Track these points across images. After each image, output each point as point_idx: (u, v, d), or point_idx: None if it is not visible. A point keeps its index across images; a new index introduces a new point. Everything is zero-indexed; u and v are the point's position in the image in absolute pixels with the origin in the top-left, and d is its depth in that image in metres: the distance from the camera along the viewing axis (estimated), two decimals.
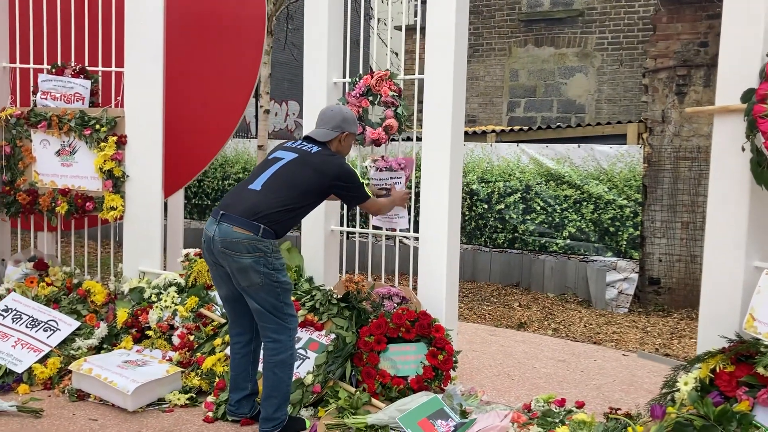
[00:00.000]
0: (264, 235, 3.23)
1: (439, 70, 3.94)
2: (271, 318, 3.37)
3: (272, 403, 3.43)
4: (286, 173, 3.42)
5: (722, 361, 2.82)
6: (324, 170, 3.44)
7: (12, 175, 4.84)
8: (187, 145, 5.48)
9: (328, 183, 3.45)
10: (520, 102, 12.17)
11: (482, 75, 12.42)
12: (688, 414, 2.79)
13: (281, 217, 3.30)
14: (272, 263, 3.26)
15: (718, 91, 2.99)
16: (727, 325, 2.92)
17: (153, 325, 4.39)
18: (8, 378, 4.00)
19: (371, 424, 3.42)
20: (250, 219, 3.23)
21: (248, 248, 3.21)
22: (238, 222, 3.23)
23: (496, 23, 12.21)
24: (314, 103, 4.39)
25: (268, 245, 3.25)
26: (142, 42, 4.65)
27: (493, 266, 8.77)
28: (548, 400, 3.67)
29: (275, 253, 3.28)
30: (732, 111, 2.88)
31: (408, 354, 3.90)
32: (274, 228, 3.27)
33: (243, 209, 3.27)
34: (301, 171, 3.43)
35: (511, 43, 12.12)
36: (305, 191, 3.40)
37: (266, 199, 3.31)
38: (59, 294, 4.64)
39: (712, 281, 3.03)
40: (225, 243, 3.23)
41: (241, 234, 3.22)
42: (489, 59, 12.34)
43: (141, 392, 3.73)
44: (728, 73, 2.94)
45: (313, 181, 3.42)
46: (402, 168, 4.15)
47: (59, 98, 4.79)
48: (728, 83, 2.92)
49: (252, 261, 3.22)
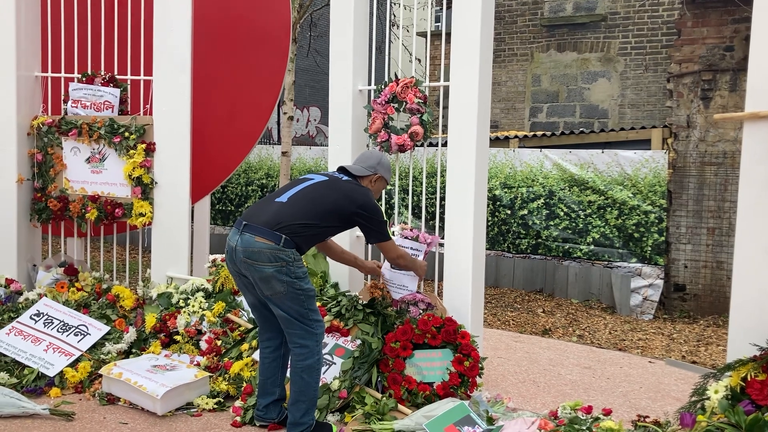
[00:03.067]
0: (285, 245, 3.27)
1: (465, 77, 3.96)
2: (297, 324, 3.40)
3: (300, 408, 3.46)
4: (313, 192, 3.49)
5: (753, 369, 2.81)
6: (350, 197, 3.50)
7: (43, 182, 4.93)
8: (214, 151, 5.55)
9: (351, 210, 3.49)
10: (542, 107, 12.14)
11: (504, 80, 12.41)
12: (719, 422, 2.78)
13: (302, 231, 3.34)
14: (294, 272, 3.30)
15: (748, 97, 2.98)
16: (759, 333, 2.90)
17: (181, 330, 4.44)
18: (40, 381, 4.07)
19: (398, 430, 3.43)
20: (272, 229, 3.27)
21: (270, 258, 3.25)
22: (259, 232, 3.28)
23: (518, 28, 12.20)
24: (339, 111, 4.44)
25: (290, 254, 3.28)
26: (171, 51, 4.73)
27: (516, 272, 8.75)
28: (575, 408, 3.66)
29: (297, 261, 3.32)
30: (762, 117, 2.87)
31: (434, 360, 3.91)
32: (295, 240, 3.31)
33: (265, 220, 3.32)
34: (328, 193, 3.49)
35: (533, 48, 12.10)
36: (328, 212, 3.45)
37: (290, 212, 3.36)
38: (89, 299, 4.71)
39: (743, 289, 3.01)
40: (247, 253, 3.27)
41: (263, 244, 3.26)
42: (511, 64, 12.33)
43: (170, 396, 3.78)
44: (759, 78, 2.93)
45: (337, 205, 3.47)
46: (427, 244, 4.16)
47: (89, 106, 4.87)
48: (759, 89, 2.91)
49: (274, 270, 3.26)
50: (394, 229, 4.28)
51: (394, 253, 3.77)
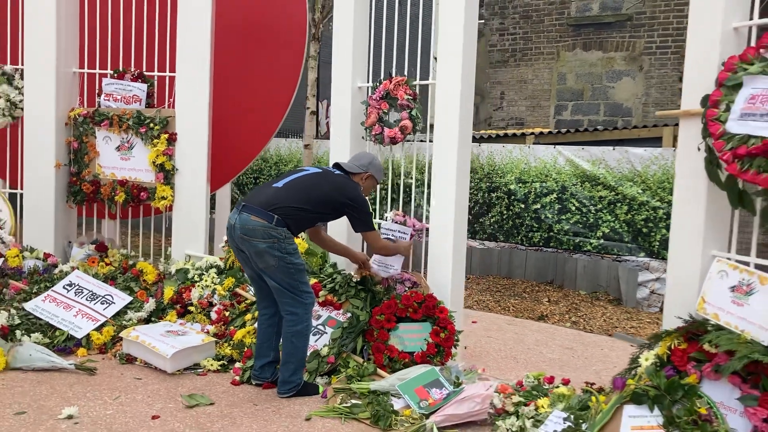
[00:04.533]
0: (277, 224, 3.72)
1: (448, 76, 4.34)
2: (288, 294, 3.86)
3: (289, 368, 3.93)
4: (307, 181, 3.96)
5: (676, 339, 3.14)
6: (340, 188, 3.96)
7: (78, 167, 5.48)
8: (234, 142, 6.04)
9: (340, 200, 3.93)
10: (567, 105, 12.38)
11: (530, 78, 12.68)
12: (645, 385, 3.12)
13: (293, 214, 3.79)
14: (285, 248, 3.75)
15: (684, 96, 3.30)
16: (688, 308, 3.23)
17: (195, 302, 4.94)
18: (69, 342, 4.61)
19: (374, 389, 3.85)
20: (266, 210, 3.74)
21: (263, 234, 3.71)
22: (255, 212, 3.74)
23: (545, 27, 12.45)
24: (340, 106, 4.87)
25: (281, 232, 3.73)
26: (192, 50, 5.22)
27: (528, 264, 9.06)
28: (538, 377, 4.03)
29: (288, 239, 3.77)
30: (693, 115, 3.19)
31: (415, 332, 4.32)
32: (287, 221, 3.76)
33: (261, 201, 3.79)
34: (320, 183, 3.95)
35: (559, 47, 12.34)
36: (319, 200, 3.89)
37: (284, 196, 3.82)
38: (116, 273, 5.25)
39: (676, 269, 3.34)
40: (244, 230, 3.74)
41: (257, 222, 3.72)
42: (537, 63, 12.59)
43: (178, 357, 4.27)
44: (692, 79, 3.25)
45: (327, 194, 3.92)
46: (413, 227, 4.55)
47: (120, 100, 5.41)
48: (692, 89, 3.23)
49: (267, 246, 3.72)
50: (388, 214, 4.69)
51: (378, 244, 4.19)
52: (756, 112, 2.81)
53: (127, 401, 3.82)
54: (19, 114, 5.52)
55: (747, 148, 2.80)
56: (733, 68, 2.98)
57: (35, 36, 5.33)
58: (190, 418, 3.61)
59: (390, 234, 4.60)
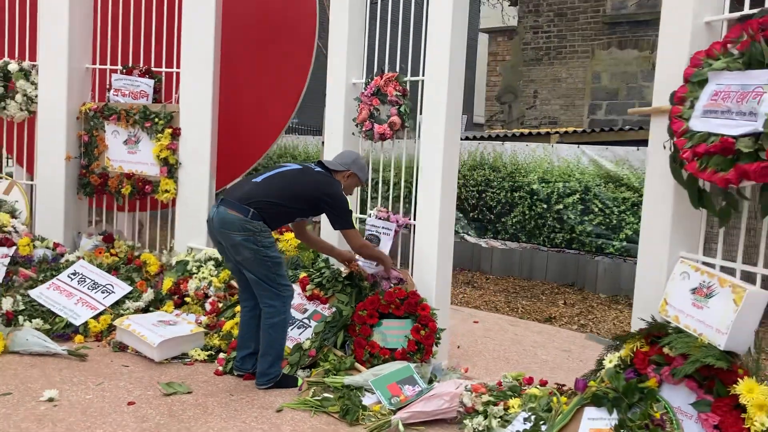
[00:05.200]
0: (252, 217, 3.77)
1: (436, 71, 4.32)
2: (266, 286, 3.91)
3: (267, 360, 3.98)
4: (286, 177, 4.00)
5: (639, 342, 3.07)
6: (318, 184, 3.98)
7: (88, 160, 5.65)
8: (244, 138, 6.14)
9: (318, 196, 3.95)
10: (601, 104, 12.15)
11: (564, 77, 12.49)
12: (606, 387, 3.06)
13: (269, 208, 3.83)
14: (261, 241, 3.79)
15: (655, 93, 3.22)
16: (653, 310, 3.15)
17: (191, 293, 5.04)
18: (68, 329, 4.76)
19: (347, 384, 3.87)
20: (242, 203, 3.79)
21: (239, 227, 3.76)
22: (232, 206, 3.80)
23: (580, 25, 12.25)
24: (334, 101, 4.89)
25: (257, 226, 3.78)
26: (196, 46, 5.32)
27: (549, 265, 8.93)
28: (517, 378, 3.99)
29: (263, 232, 3.81)
30: (663, 112, 3.11)
31: (397, 329, 4.31)
32: (263, 215, 3.80)
33: (239, 196, 3.84)
34: (299, 179, 3.99)
35: (594, 45, 12.12)
36: (296, 195, 3.92)
37: (261, 191, 3.87)
38: (119, 263, 5.40)
39: (643, 270, 3.26)
40: (221, 223, 3.81)
41: (233, 216, 3.78)
42: (571, 61, 12.39)
43: (166, 346, 4.36)
44: (663, 75, 3.16)
45: (306, 189, 3.94)
46: (398, 225, 4.54)
47: (128, 95, 5.56)
48: (663, 85, 3.15)
49: (242, 239, 3.77)
50: (372, 211, 4.69)
51: (357, 242, 4.16)
52: (717, 109, 2.72)
53: (109, 387, 3.92)
54: (35, 108, 5.73)
55: (706, 146, 2.71)
56: (699, 64, 2.90)
57: (49, 33, 5.52)
58: (164, 406, 3.69)
59: (374, 231, 4.61)
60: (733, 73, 2.72)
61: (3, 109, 5.75)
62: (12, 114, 5.75)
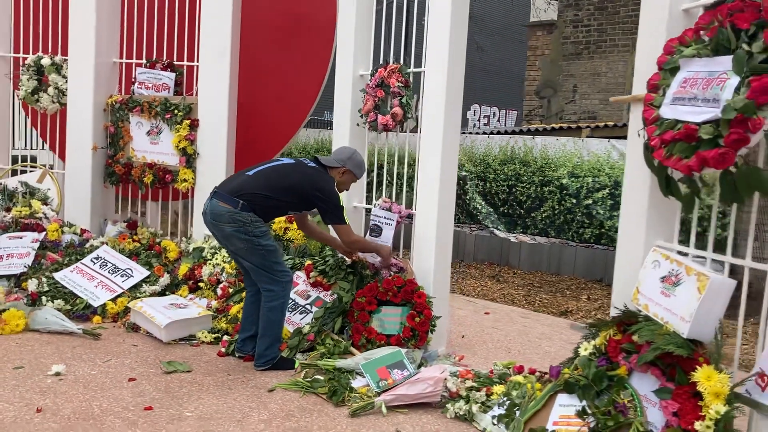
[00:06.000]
0: (242, 209, 3.90)
1: (436, 62, 4.37)
2: (263, 273, 4.04)
3: (264, 342, 4.11)
4: (279, 170, 4.12)
5: (612, 330, 3.08)
6: (310, 179, 4.07)
7: (114, 150, 5.90)
8: (265, 131, 6.31)
9: (308, 190, 4.04)
10: None
11: (604, 71, 12.31)
12: (578, 375, 3.08)
13: (260, 201, 3.95)
14: (252, 231, 3.92)
15: (635, 81, 3.20)
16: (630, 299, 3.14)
17: (205, 279, 5.22)
18: (87, 310, 5.01)
19: (339, 367, 3.97)
20: (233, 196, 3.93)
21: (228, 219, 3.90)
22: (223, 198, 3.94)
23: (620, 19, 12.04)
24: (342, 93, 4.98)
25: (247, 217, 3.90)
26: (214, 40, 5.50)
27: (577, 261, 8.85)
28: (507, 366, 4.03)
29: (255, 223, 3.93)
30: (640, 100, 3.10)
31: (394, 316, 4.39)
32: (253, 207, 3.93)
33: (230, 188, 3.99)
34: (290, 173, 4.10)
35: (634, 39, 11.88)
36: (288, 189, 4.02)
37: (253, 183, 4.00)
38: (140, 249, 5.62)
39: (621, 258, 3.26)
40: (212, 215, 3.96)
41: (223, 208, 3.92)
42: (611, 55, 12.20)
43: (173, 327, 4.55)
44: (643, 63, 3.15)
45: (297, 184, 4.04)
46: (401, 215, 4.60)
47: (151, 87, 5.78)
48: (642, 73, 3.13)
49: (233, 230, 3.91)
50: (377, 201, 4.76)
51: (348, 237, 4.22)
52: (685, 96, 2.71)
53: (115, 364, 4.12)
54: (65, 101, 6.00)
55: (672, 134, 2.70)
56: (672, 51, 2.88)
57: (78, 28, 5.78)
58: (163, 383, 3.86)
59: (377, 221, 4.69)
60: (702, 60, 2.70)
61: (36, 101, 6.05)
62: (45, 106, 6.05)
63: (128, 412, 3.44)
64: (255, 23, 6.02)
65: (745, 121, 2.36)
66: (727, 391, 2.49)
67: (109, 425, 3.27)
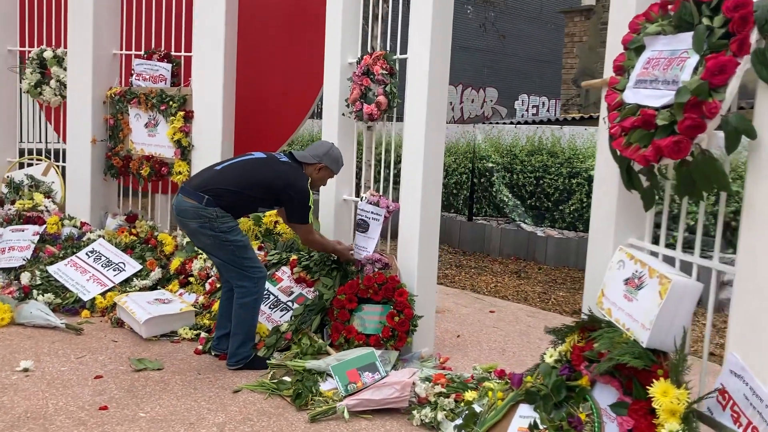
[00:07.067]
0: (207, 204, 3.76)
1: (418, 48, 4.13)
2: (234, 269, 3.91)
3: (237, 340, 3.98)
4: (247, 165, 3.98)
5: (577, 336, 2.81)
6: (281, 174, 3.91)
7: (114, 143, 5.86)
8: (270, 124, 6.17)
9: (279, 186, 3.88)
10: None
11: None
12: (540, 384, 2.83)
13: (226, 195, 3.81)
14: (218, 227, 3.78)
15: (606, 63, 2.93)
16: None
17: (195, 273, 5.13)
18: (77, 304, 4.97)
19: (309, 368, 3.80)
20: (198, 191, 3.80)
21: (193, 215, 3.78)
22: (188, 193, 3.82)
23: None
24: (331, 81, 4.79)
25: (212, 212, 3.76)
26: (207, 31, 5.37)
27: None
28: (488, 370, 3.80)
29: (220, 218, 3.78)
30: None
31: (375, 314, 4.19)
32: (219, 202, 3.78)
33: (196, 183, 3.86)
34: (260, 168, 3.95)
35: None
36: (256, 183, 3.87)
37: (219, 178, 3.87)
38: (136, 242, 5.57)
39: (591, 257, 2.99)
40: (177, 211, 3.85)
41: (188, 203, 3.79)
42: None
43: (152, 323, 4.45)
44: (614, 44, 2.87)
45: (266, 179, 3.89)
46: (389, 210, 4.39)
47: (148, 79, 5.70)
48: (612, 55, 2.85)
49: (198, 226, 3.78)
50: (366, 194, 4.57)
51: (307, 237, 4.09)
52: (647, 78, 2.43)
53: (88, 361, 4.05)
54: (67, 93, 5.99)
55: (632, 120, 2.43)
56: (638, 29, 2.60)
57: (76, 19, 5.74)
58: (128, 381, 3.76)
59: (363, 215, 4.49)
60: (667, 38, 2.41)
61: (39, 94, 6.06)
62: (48, 99, 6.05)
63: (82, 411, 3.34)
64: (259, 12, 5.88)
65: (699, 104, 2.08)
66: (683, 408, 2.22)
67: (57, 425, 3.19)
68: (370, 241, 4.43)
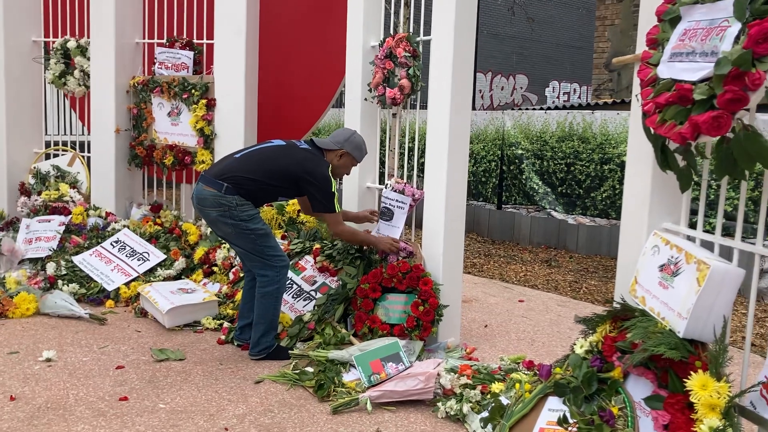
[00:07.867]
0: (227, 192, 3.68)
1: (441, 30, 4.00)
2: (255, 258, 3.84)
3: (259, 329, 3.91)
4: (266, 152, 3.89)
5: (608, 326, 2.68)
6: (298, 162, 3.80)
7: (138, 132, 5.83)
8: (294, 111, 6.09)
9: (297, 174, 3.77)
10: None
11: None
12: (570, 376, 2.71)
13: (246, 183, 3.72)
14: (238, 215, 3.70)
15: (638, 38, 2.77)
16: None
17: (219, 263, 5.07)
18: (101, 294, 4.96)
19: (332, 358, 3.71)
20: (217, 179, 3.72)
21: (212, 203, 3.70)
22: (207, 182, 3.74)
23: None
24: (354, 65, 4.68)
25: (231, 200, 3.68)
26: (228, 18, 5.29)
27: None
28: (516, 361, 3.68)
29: (240, 206, 3.70)
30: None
31: (400, 304, 4.09)
32: (239, 190, 3.70)
33: (215, 171, 3.78)
34: (279, 156, 3.85)
35: None
36: (275, 171, 3.78)
37: (238, 166, 3.78)
38: (160, 232, 5.53)
39: (624, 243, 2.84)
40: (197, 200, 3.77)
41: (208, 191, 3.72)
42: None
43: (175, 313, 4.41)
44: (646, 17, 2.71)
45: (286, 167, 3.79)
46: (414, 198, 4.26)
47: (170, 67, 5.65)
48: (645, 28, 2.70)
49: (218, 214, 3.71)
50: (391, 181, 4.45)
51: (337, 228, 3.93)
52: (683, 51, 2.27)
53: (110, 351, 4.02)
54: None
55: (667, 96, 2.27)
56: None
57: (98, 8, 5.69)
58: (150, 371, 3.71)
59: (388, 203, 4.39)
60: (705, 6, 2.25)
61: (64, 84, 6.05)
62: (72, 89, 6.04)
63: (102, 402, 3.30)
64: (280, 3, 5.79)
65: (741, 76, 1.93)
66: (724, 403, 2.07)
67: (77, 416, 3.15)
68: (394, 230, 4.32)
